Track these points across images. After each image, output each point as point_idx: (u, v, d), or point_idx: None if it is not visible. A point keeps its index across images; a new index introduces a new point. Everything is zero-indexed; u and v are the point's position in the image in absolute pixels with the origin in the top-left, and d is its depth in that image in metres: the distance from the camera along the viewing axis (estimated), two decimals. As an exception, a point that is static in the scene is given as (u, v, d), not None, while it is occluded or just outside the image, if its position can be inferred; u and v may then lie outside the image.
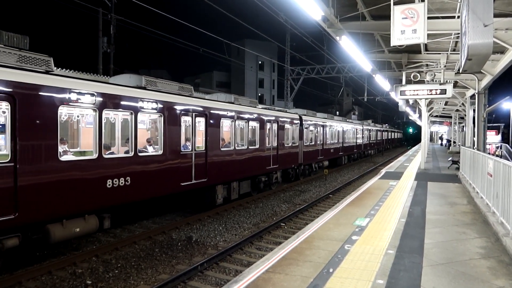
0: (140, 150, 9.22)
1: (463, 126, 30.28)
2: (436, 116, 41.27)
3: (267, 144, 15.58)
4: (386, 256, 5.89)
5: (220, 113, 12.28)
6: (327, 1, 8.87)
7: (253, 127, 14.60)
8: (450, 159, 20.80)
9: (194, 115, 11.04)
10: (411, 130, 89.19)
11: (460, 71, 8.16)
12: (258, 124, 14.83)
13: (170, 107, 10.02)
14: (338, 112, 57.91)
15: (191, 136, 10.93)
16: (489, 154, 12.67)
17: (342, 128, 28.44)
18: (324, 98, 61.67)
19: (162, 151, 9.75)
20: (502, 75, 13.43)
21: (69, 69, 10.65)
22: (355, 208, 9.48)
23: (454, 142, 36.42)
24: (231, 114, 12.89)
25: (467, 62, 6.06)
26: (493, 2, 5.58)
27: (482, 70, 12.54)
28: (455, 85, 18.40)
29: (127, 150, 8.91)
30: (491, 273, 5.22)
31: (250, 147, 14.15)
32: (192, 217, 11.42)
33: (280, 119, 16.97)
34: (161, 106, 9.67)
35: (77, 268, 7.49)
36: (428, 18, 7.44)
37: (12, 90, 6.41)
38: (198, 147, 11.33)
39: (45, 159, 6.92)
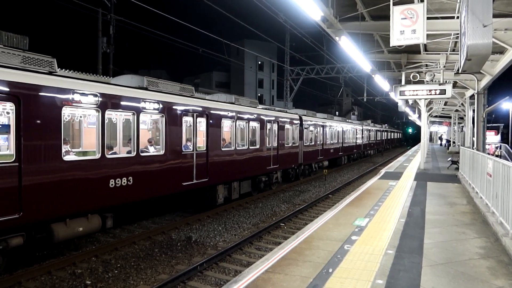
0: (142, 150, 9.25)
1: (463, 126, 30.30)
2: (436, 116, 41.31)
3: (268, 144, 15.60)
4: (386, 256, 5.90)
5: (221, 113, 12.30)
6: (326, 1, 8.87)
7: (253, 127, 14.61)
8: (449, 159, 20.81)
9: (195, 116, 11.06)
10: (410, 130, 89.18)
11: (460, 71, 8.18)
12: (259, 125, 14.84)
13: (171, 107, 10.06)
14: (337, 112, 57.94)
15: (192, 136, 10.96)
16: (488, 154, 12.68)
17: (342, 128, 28.45)
18: (323, 98, 61.79)
19: (163, 151, 9.79)
20: (502, 75, 13.46)
21: (68, 69, 10.66)
22: (355, 208, 9.48)
23: (454, 142, 36.46)
24: (231, 114, 12.90)
25: (467, 62, 6.07)
26: (492, 3, 5.59)
27: (481, 71, 12.55)
28: (455, 85, 18.41)
29: (129, 150, 8.96)
30: (490, 273, 5.22)
31: (250, 147, 14.17)
32: (192, 217, 11.43)
33: (280, 120, 16.98)
34: (162, 107, 9.71)
35: (76, 268, 7.49)
36: (428, 18, 7.45)
37: (17, 91, 6.47)
38: (199, 147, 11.35)
39: (49, 159, 6.96)
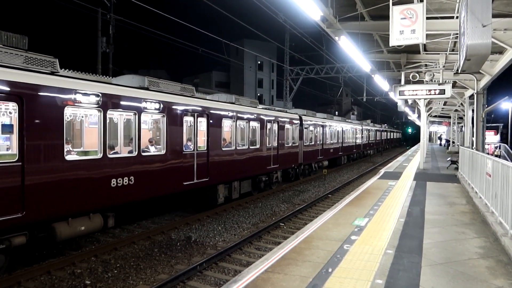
0: (143, 150, 9.29)
1: (462, 126, 30.30)
2: (435, 116, 41.32)
3: (268, 144, 15.61)
4: (385, 256, 5.90)
5: (221, 113, 12.33)
6: (326, 1, 8.87)
7: (253, 127, 14.63)
8: (449, 159, 20.83)
9: (196, 115, 11.09)
10: (410, 130, 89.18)
11: (459, 71, 8.19)
12: (259, 124, 14.86)
13: (172, 107, 10.09)
14: (337, 112, 57.90)
15: (193, 136, 10.98)
16: (487, 154, 12.68)
17: (342, 128, 28.46)
18: (323, 98, 61.77)
19: (164, 151, 9.82)
20: (501, 75, 13.46)
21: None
22: (354, 208, 9.49)
23: (453, 142, 36.48)
24: (232, 114, 12.92)
25: (466, 62, 6.08)
26: (491, 3, 5.60)
27: (480, 70, 12.55)
28: (454, 85, 18.41)
29: (131, 150, 8.99)
30: (489, 272, 5.23)
31: (250, 147, 14.20)
32: (191, 217, 11.43)
33: (280, 119, 16.98)
34: (163, 107, 9.75)
35: (76, 268, 7.48)
36: (427, 18, 7.45)
37: (20, 91, 6.50)
38: (200, 147, 11.38)
39: (51, 159, 7.00)
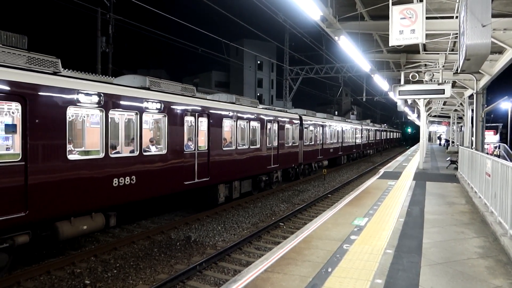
0: (145, 150, 9.34)
1: (462, 126, 30.33)
2: (435, 116, 41.30)
3: (268, 144, 15.64)
4: (385, 255, 5.91)
5: (222, 113, 12.36)
6: (325, 1, 8.86)
7: (254, 127, 14.66)
8: (448, 159, 20.84)
9: (196, 115, 11.12)
10: (409, 130, 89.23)
11: (459, 71, 8.19)
12: (259, 124, 14.88)
13: (173, 107, 10.13)
14: (336, 112, 57.98)
15: (194, 136, 11.01)
16: (487, 154, 12.69)
17: (341, 128, 28.47)
18: (322, 98, 61.77)
19: (166, 151, 9.85)
20: (501, 75, 13.45)
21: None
22: (354, 208, 9.49)
23: (453, 142, 36.49)
24: (232, 114, 12.95)
25: (466, 62, 6.08)
26: (491, 2, 5.60)
27: (480, 70, 12.56)
28: (454, 85, 18.41)
29: (132, 150, 9.03)
30: (489, 272, 5.24)
31: (251, 147, 14.23)
32: (191, 217, 11.43)
33: (280, 119, 17.00)
34: (164, 107, 9.79)
35: (75, 268, 7.49)
36: (427, 18, 7.44)
37: (23, 91, 6.53)
38: (201, 146, 11.42)
39: (54, 158, 7.04)
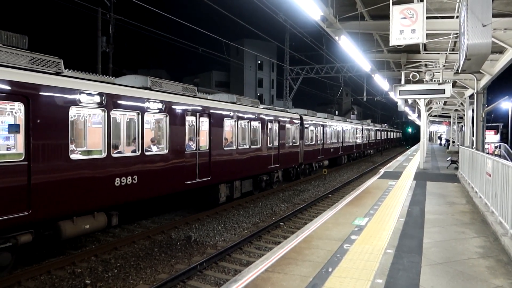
0: (147, 150, 9.37)
1: (462, 126, 30.28)
2: (435, 116, 41.27)
3: (269, 143, 15.67)
4: (385, 255, 5.91)
5: (223, 113, 12.38)
6: (326, 1, 8.86)
7: (255, 127, 14.68)
8: (449, 158, 20.83)
9: (198, 115, 11.15)
10: (410, 130, 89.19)
11: (459, 71, 8.18)
12: (260, 124, 14.90)
13: (175, 107, 10.17)
14: (337, 112, 57.92)
15: (195, 135, 11.04)
16: (487, 153, 12.68)
17: (342, 128, 28.47)
18: (323, 97, 61.71)
19: (167, 151, 9.88)
20: (501, 75, 13.44)
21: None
22: (354, 208, 9.49)
23: (453, 142, 36.45)
24: (233, 114, 12.98)
25: (466, 62, 6.08)
26: (491, 2, 5.60)
27: (481, 70, 12.55)
28: (454, 85, 18.40)
29: (134, 150, 9.07)
30: (489, 272, 5.23)
31: (252, 147, 14.25)
32: (191, 216, 11.44)
33: (281, 119, 17.01)
34: (166, 107, 9.82)
35: (76, 268, 7.49)
36: (427, 18, 7.43)
37: (26, 91, 6.56)
38: (202, 146, 11.44)
39: (57, 158, 7.07)
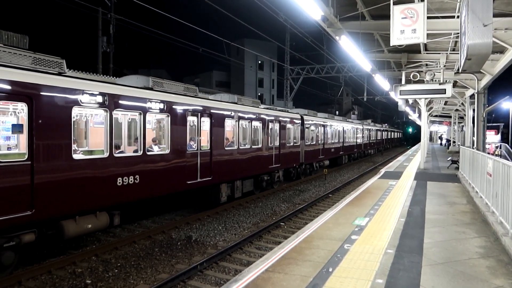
0: (148, 149, 9.39)
1: (463, 126, 30.26)
2: (436, 115, 41.24)
3: (270, 143, 15.68)
4: (386, 255, 5.90)
5: (224, 113, 12.41)
6: (326, 0, 8.85)
7: (255, 127, 14.70)
8: (449, 158, 20.81)
9: (199, 115, 11.18)
10: (410, 130, 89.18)
11: (460, 71, 8.17)
12: (261, 124, 14.92)
13: (176, 107, 10.20)
14: (337, 112, 57.93)
15: (196, 135, 11.07)
16: (488, 153, 12.67)
17: (343, 127, 28.47)
18: (323, 97, 61.62)
19: (169, 150, 9.91)
20: (502, 75, 13.42)
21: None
22: (355, 208, 9.49)
23: (454, 142, 36.42)
24: (234, 114, 13.01)
25: (467, 62, 6.07)
26: (492, 2, 5.59)
27: (481, 70, 12.53)
28: (455, 85, 18.38)
29: (136, 149, 9.09)
30: (490, 272, 5.23)
31: (253, 147, 14.27)
32: (192, 216, 11.44)
33: (282, 119, 17.01)
34: (168, 107, 9.85)
35: (76, 268, 7.50)
36: (428, 18, 7.43)
37: (29, 91, 6.59)
38: (203, 146, 11.47)
39: (60, 158, 7.11)
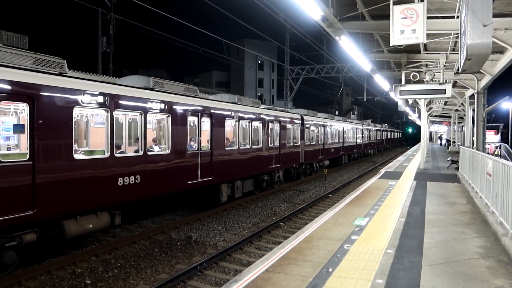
0: (149, 150, 9.41)
1: (463, 126, 30.27)
2: (436, 116, 41.24)
3: (270, 143, 15.69)
4: (386, 255, 5.90)
5: (225, 113, 12.42)
6: (326, 1, 8.85)
7: (256, 127, 14.71)
8: (449, 159, 20.82)
9: (199, 115, 11.19)
10: (410, 130, 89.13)
11: (460, 71, 8.17)
12: (261, 124, 14.93)
13: (177, 107, 10.21)
14: (337, 112, 57.91)
15: (197, 136, 11.09)
16: (488, 154, 12.67)
17: (343, 128, 28.47)
18: (323, 97, 61.68)
19: (169, 151, 9.92)
20: (502, 75, 13.42)
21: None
22: (355, 208, 9.49)
23: (454, 142, 36.43)
24: (234, 114, 13.03)
25: (467, 62, 6.07)
26: (492, 2, 5.59)
27: (481, 70, 12.52)
28: (455, 85, 18.38)
29: (137, 149, 9.11)
30: (490, 272, 5.23)
31: (253, 147, 14.28)
32: (192, 216, 11.44)
33: (282, 119, 17.02)
34: (168, 107, 9.86)
35: (76, 268, 7.49)
36: (428, 18, 7.42)
37: (30, 92, 6.60)
38: (203, 146, 11.47)
39: (61, 158, 7.12)
